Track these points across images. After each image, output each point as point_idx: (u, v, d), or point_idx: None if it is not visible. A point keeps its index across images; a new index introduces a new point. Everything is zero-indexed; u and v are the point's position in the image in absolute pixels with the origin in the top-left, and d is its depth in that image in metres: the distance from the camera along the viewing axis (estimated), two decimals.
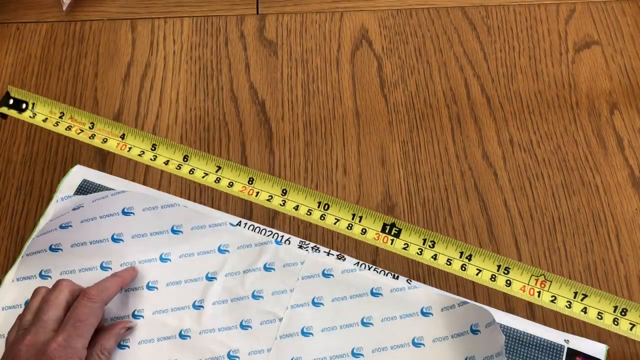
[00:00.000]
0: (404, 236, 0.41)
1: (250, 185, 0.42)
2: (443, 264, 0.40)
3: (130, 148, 0.44)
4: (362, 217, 0.41)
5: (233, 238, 0.46)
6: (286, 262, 0.45)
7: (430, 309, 0.43)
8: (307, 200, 0.42)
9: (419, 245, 0.41)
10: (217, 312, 0.43)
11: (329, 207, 0.42)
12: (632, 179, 0.50)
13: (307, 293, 0.44)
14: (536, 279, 0.40)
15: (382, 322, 0.43)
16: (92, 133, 0.44)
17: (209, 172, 0.43)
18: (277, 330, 0.43)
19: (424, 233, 0.41)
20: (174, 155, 0.43)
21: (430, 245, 0.41)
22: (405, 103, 0.54)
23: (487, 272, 0.40)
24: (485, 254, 0.40)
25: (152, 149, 0.44)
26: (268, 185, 0.42)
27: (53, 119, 0.44)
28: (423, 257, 0.40)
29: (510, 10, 0.59)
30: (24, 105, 0.45)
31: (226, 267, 0.45)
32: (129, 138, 0.44)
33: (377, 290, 0.44)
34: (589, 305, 0.39)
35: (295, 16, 0.59)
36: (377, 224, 0.41)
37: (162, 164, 0.43)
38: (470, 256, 0.40)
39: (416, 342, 0.42)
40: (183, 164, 0.43)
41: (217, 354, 0.42)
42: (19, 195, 0.49)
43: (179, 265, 0.45)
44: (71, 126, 0.44)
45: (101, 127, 0.44)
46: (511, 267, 0.40)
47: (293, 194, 0.42)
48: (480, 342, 0.41)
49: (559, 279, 0.39)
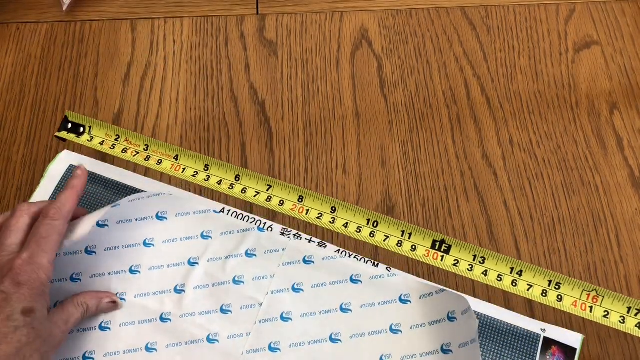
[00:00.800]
0: (454, 252, 0.42)
1: (300, 204, 0.44)
2: (494, 280, 0.41)
3: (185, 169, 0.46)
4: (411, 234, 0.43)
5: (216, 224, 0.47)
6: (268, 249, 0.46)
7: (408, 296, 0.44)
8: (356, 218, 0.43)
9: (469, 261, 0.42)
10: (198, 296, 0.44)
11: (377, 225, 0.43)
12: (632, 179, 0.51)
13: (288, 279, 0.45)
14: (588, 293, 0.40)
15: (360, 308, 0.44)
16: (147, 155, 0.46)
17: (260, 191, 0.45)
18: (256, 315, 0.43)
19: (473, 249, 0.42)
20: (226, 174, 0.45)
21: (480, 262, 0.42)
22: (405, 103, 0.54)
23: (538, 288, 0.41)
24: (535, 269, 0.41)
25: (205, 169, 0.45)
26: (317, 203, 0.44)
27: (109, 141, 0.46)
28: (473, 274, 0.41)
29: (510, 11, 0.59)
30: (82, 129, 0.47)
31: (208, 252, 0.46)
32: (182, 159, 0.46)
33: (357, 277, 0.45)
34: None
35: (295, 16, 0.59)
36: (427, 241, 0.43)
37: (216, 184, 0.45)
38: (521, 272, 0.41)
39: (394, 328, 0.43)
40: (235, 183, 0.45)
41: (197, 337, 0.42)
42: (19, 195, 0.49)
43: (161, 250, 0.46)
44: (127, 148, 0.46)
45: (155, 149, 0.46)
46: (562, 283, 0.41)
47: (342, 211, 0.44)
48: (457, 329, 0.42)
49: (611, 294, 0.40)
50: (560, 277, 0.41)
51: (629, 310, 0.39)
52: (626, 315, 0.39)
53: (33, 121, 0.53)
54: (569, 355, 0.42)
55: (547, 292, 0.41)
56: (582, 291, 0.40)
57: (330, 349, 0.42)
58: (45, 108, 0.54)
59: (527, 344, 0.42)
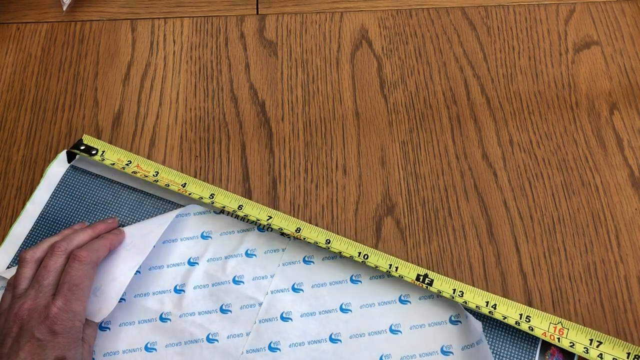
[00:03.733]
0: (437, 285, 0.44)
1: (297, 234, 0.46)
2: None
3: (190, 194, 0.47)
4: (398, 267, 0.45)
5: (216, 224, 0.47)
6: (268, 249, 0.46)
7: (408, 297, 0.44)
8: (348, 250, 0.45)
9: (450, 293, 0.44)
10: (197, 296, 0.44)
11: (368, 257, 0.45)
12: (632, 179, 0.50)
13: (288, 279, 0.45)
14: (554, 326, 0.43)
15: (360, 308, 0.44)
16: (155, 179, 0.48)
17: (260, 219, 0.46)
18: (256, 315, 0.43)
19: (453, 283, 0.44)
20: (230, 203, 0.47)
21: (459, 295, 0.44)
22: (405, 103, 0.54)
23: (512, 319, 0.43)
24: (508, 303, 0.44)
25: (210, 197, 0.47)
26: (314, 234, 0.46)
27: (120, 164, 0.49)
28: None
29: (510, 11, 0.59)
30: (94, 151, 0.50)
31: (208, 252, 0.46)
32: (190, 186, 0.48)
33: (357, 277, 0.45)
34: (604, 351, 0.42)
35: (295, 16, 0.59)
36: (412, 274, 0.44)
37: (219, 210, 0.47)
38: (495, 305, 0.43)
39: (393, 328, 0.43)
40: (237, 211, 0.47)
41: (196, 337, 0.43)
42: (19, 195, 0.49)
43: (162, 250, 0.46)
44: (136, 171, 0.48)
45: (164, 176, 0.48)
46: (532, 316, 0.43)
47: (336, 243, 0.45)
48: (459, 332, 0.42)
49: (574, 326, 0.42)
50: (530, 310, 0.43)
51: (590, 342, 0.42)
52: (589, 347, 0.42)
53: (33, 121, 0.53)
54: (568, 356, 0.42)
55: (520, 323, 0.43)
56: (549, 324, 0.43)
57: (330, 348, 0.43)
58: (45, 108, 0.54)
59: (526, 345, 0.43)
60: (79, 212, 0.48)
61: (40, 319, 0.36)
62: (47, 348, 0.36)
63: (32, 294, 0.38)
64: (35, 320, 0.36)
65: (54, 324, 0.36)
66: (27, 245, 0.46)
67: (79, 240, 0.42)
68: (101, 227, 0.44)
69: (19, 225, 0.47)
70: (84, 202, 0.48)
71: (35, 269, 0.40)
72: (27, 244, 0.46)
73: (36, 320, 0.36)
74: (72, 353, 0.37)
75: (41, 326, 0.36)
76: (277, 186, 0.50)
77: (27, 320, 0.36)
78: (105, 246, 0.42)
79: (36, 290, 0.38)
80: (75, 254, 0.40)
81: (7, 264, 0.45)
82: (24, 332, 0.36)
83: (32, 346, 0.36)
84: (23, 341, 0.36)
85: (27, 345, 0.36)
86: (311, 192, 0.50)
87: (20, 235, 0.47)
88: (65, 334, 0.37)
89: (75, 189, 0.48)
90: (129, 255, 0.43)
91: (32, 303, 0.37)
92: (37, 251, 0.41)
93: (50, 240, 0.42)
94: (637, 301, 0.46)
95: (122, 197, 0.48)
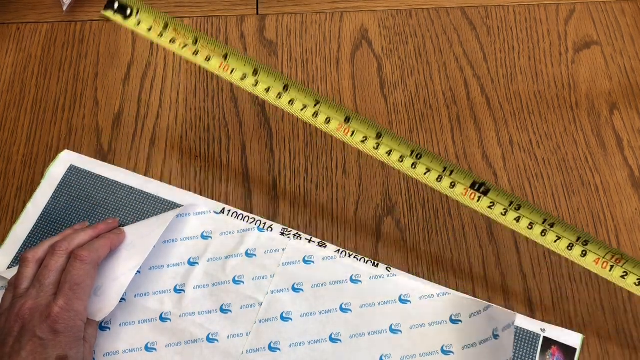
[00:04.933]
0: (492, 196, 0.41)
1: (346, 124, 0.42)
2: (524, 228, 0.41)
3: (233, 70, 0.42)
4: (453, 171, 0.41)
5: (216, 225, 0.47)
6: (268, 249, 0.46)
7: (408, 296, 0.44)
8: (400, 147, 0.41)
9: (505, 206, 0.41)
10: (197, 296, 0.44)
11: (421, 157, 0.41)
12: (632, 179, 0.51)
13: (288, 279, 0.45)
14: (612, 254, 0.40)
15: (360, 308, 0.44)
16: (195, 49, 0.43)
17: (307, 104, 0.42)
18: (256, 315, 0.43)
19: (510, 197, 0.41)
20: (275, 83, 0.42)
21: (516, 208, 0.41)
22: (405, 103, 0.54)
23: (566, 241, 0.41)
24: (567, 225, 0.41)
25: (254, 74, 0.42)
26: (364, 126, 0.42)
27: (157, 29, 0.43)
28: (506, 219, 0.41)
29: (510, 11, 0.59)
30: (129, 10, 0.43)
31: (208, 252, 0.46)
32: (232, 59, 0.43)
33: (357, 277, 0.45)
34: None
35: (295, 16, 0.59)
36: (468, 180, 0.41)
37: (264, 92, 0.42)
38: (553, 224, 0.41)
39: (394, 328, 0.43)
40: (284, 93, 0.42)
41: (196, 337, 0.43)
42: (19, 195, 0.50)
43: (162, 250, 0.46)
44: (175, 39, 0.43)
45: (204, 44, 0.43)
46: (590, 240, 0.41)
47: (387, 138, 0.42)
48: (460, 332, 0.42)
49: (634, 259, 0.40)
50: (588, 235, 0.41)
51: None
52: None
53: (33, 121, 0.53)
54: (568, 356, 0.42)
55: (574, 246, 0.41)
56: (607, 252, 0.40)
57: (330, 348, 0.43)
58: (45, 108, 0.54)
59: (526, 344, 0.43)
60: (79, 213, 0.48)
61: (41, 319, 0.36)
62: (48, 347, 0.36)
63: (33, 293, 0.38)
64: (37, 319, 0.36)
65: (56, 323, 0.36)
66: (27, 245, 0.46)
67: (79, 240, 0.42)
68: (102, 227, 0.44)
69: (20, 225, 0.47)
70: (85, 202, 0.48)
71: (36, 268, 0.40)
72: (28, 245, 0.46)
73: (38, 319, 0.36)
74: (74, 352, 0.37)
75: (43, 325, 0.36)
76: (277, 186, 0.50)
77: (29, 320, 0.37)
78: (106, 246, 0.42)
79: (37, 289, 0.38)
80: (76, 253, 0.40)
81: (8, 264, 0.45)
82: (25, 331, 0.36)
83: (34, 345, 0.36)
84: (25, 340, 0.36)
85: (29, 344, 0.36)
86: (311, 192, 0.50)
87: (20, 236, 0.47)
88: (66, 333, 0.37)
89: (76, 189, 0.48)
90: (129, 255, 0.43)
91: (33, 302, 0.37)
92: (38, 251, 0.41)
93: (52, 240, 0.42)
94: (637, 301, 0.46)
95: (122, 197, 0.48)
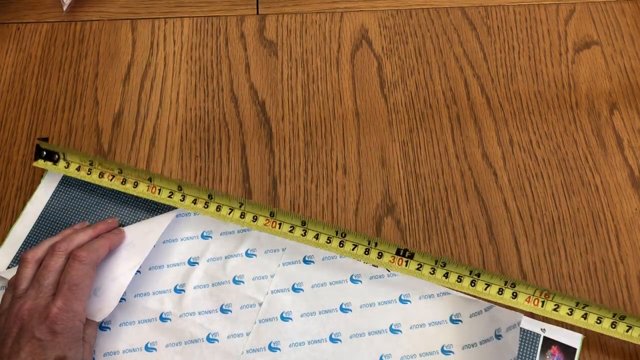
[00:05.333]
0: (417, 258, 0.44)
1: (272, 218, 0.45)
2: (453, 282, 0.44)
3: (160, 190, 0.46)
4: (377, 243, 0.44)
5: (216, 225, 0.47)
6: (268, 249, 0.46)
7: (408, 296, 0.44)
8: (325, 230, 0.45)
9: (432, 265, 0.44)
10: (198, 296, 0.44)
11: (345, 235, 0.45)
12: (632, 179, 0.51)
13: (288, 279, 0.45)
14: (540, 291, 0.43)
15: (360, 308, 0.44)
16: (122, 178, 0.47)
17: (234, 207, 0.46)
18: (256, 315, 0.44)
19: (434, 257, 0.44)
20: (199, 194, 0.46)
21: (441, 265, 0.44)
22: (405, 103, 0.54)
23: (495, 287, 0.43)
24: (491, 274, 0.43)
25: (179, 189, 0.46)
26: (288, 217, 0.45)
27: (85, 167, 0.47)
28: (435, 277, 0.44)
29: (510, 11, 0.59)
30: (56, 156, 0.48)
31: (208, 252, 0.46)
32: (156, 181, 0.47)
33: (357, 277, 0.45)
34: None
35: (295, 16, 0.59)
36: (392, 248, 0.44)
37: (191, 203, 0.46)
38: (479, 274, 0.43)
39: (394, 328, 0.43)
40: (209, 201, 0.46)
41: (196, 337, 0.43)
42: (19, 195, 0.50)
43: (162, 250, 0.46)
44: (103, 173, 0.47)
45: (129, 172, 0.47)
46: (517, 283, 0.43)
47: (312, 224, 0.45)
48: (460, 332, 0.42)
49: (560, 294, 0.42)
50: (513, 279, 0.43)
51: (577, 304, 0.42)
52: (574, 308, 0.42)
53: (33, 121, 0.53)
54: (568, 355, 0.42)
55: (504, 290, 0.43)
56: (535, 290, 0.43)
57: (330, 348, 0.43)
58: (45, 108, 0.54)
59: (526, 344, 0.43)
60: (79, 212, 0.48)
61: (40, 319, 0.36)
62: (47, 348, 0.36)
63: (32, 294, 0.38)
64: (35, 320, 0.36)
65: (54, 323, 0.36)
66: (27, 245, 0.46)
67: (79, 240, 0.42)
68: (101, 227, 0.44)
69: (19, 225, 0.47)
70: (84, 202, 0.48)
71: (36, 269, 0.40)
72: (27, 245, 0.46)
73: (36, 320, 0.36)
74: (73, 353, 0.37)
75: (41, 326, 0.36)
76: (277, 186, 0.50)
77: (28, 321, 0.36)
78: (105, 246, 0.42)
79: (36, 290, 0.38)
80: (75, 253, 0.40)
81: (8, 265, 0.45)
82: (24, 332, 0.36)
83: (33, 346, 0.36)
84: (23, 341, 0.36)
85: (28, 345, 0.36)
86: (311, 192, 0.50)
87: (20, 236, 0.47)
88: (65, 334, 0.37)
89: (75, 189, 0.48)
90: (129, 255, 0.43)
91: (32, 303, 0.37)
92: (38, 251, 0.41)
93: (51, 241, 0.42)
94: (637, 301, 0.46)
95: (122, 197, 0.48)
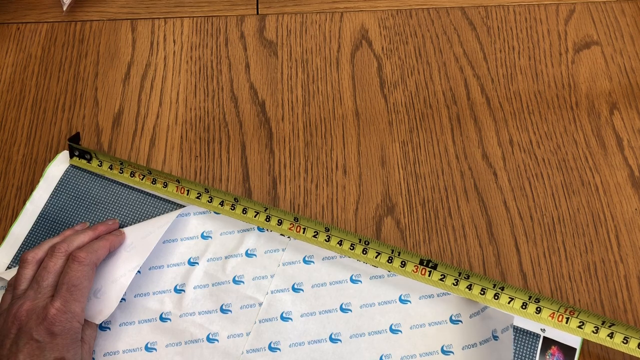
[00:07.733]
0: (441, 269, 0.44)
1: (296, 223, 0.46)
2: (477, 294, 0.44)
3: (189, 191, 0.48)
4: (400, 252, 0.45)
5: (216, 225, 0.47)
6: (268, 249, 0.46)
7: (408, 296, 0.44)
8: (349, 237, 0.46)
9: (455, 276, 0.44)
10: (198, 296, 0.44)
11: (369, 243, 0.46)
12: (632, 179, 0.51)
13: (288, 279, 0.45)
14: (565, 308, 0.42)
15: (360, 308, 0.44)
16: (152, 178, 0.48)
17: (259, 211, 0.47)
18: (256, 315, 0.44)
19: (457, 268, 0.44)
20: (226, 197, 0.47)
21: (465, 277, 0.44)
22: (405, 103, 0.54)
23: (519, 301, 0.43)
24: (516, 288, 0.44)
25: (206, 191, 0.48)
26: (312, 223, 0.46)
27: (117, 166, 0.49)
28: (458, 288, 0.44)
29: (510, 11, 0.59)
30: (88, 155, 0.50)
31: (208, 252, 0.46)
32: (184, 183, 0.48)
33: (357, 277, 0.45)
34: None
35: (295, 16, 0.59)
36: (416, 258, 0.45)
37: (219, 205, 0.47)
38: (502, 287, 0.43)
39: (394, 328, 0.43)
40: (236, 204, 0.47)
41: (196, 337, 0.43)
42: (19, 195, 0.49)
43: (162, 250, 0.46)
44: (134, 172, 0.49)
45: (158, 173, 0.48)
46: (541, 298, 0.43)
47: (335, 231, 0.46)
48: (460, 332, 0.42)
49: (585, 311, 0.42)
50: (537, 294, 0.43)
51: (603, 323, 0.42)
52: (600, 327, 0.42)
53: (33, 121, 0.53)
54: (568, 356, 0.42)
55: (527, 304, 0.43)
56: (560, 306, 0.42)
57: (330, 348, 0.43)
58: (45, 108, 0.54)
59: (526, 344, 0.43)
60: (78, 212, 0.48)
61: (38, 320, 0.36)
62: (46, 349, 0.36)
63: (31, 295, 0.38)
64: (33, 321, 0.36)
65: (53, 325, 0.36)
66: (26, 245, 0.46)
67: (79, 241, 0.42)
68: (102, 229, 0.44)
69: (19, 225, 0.47)
70: (84, 201, 0.48)
71: (35, 269, 0.40)
72: (27, 245, 0.46)
73: (34, 321, 0.36)
74: (72, 354, 0.37)
75: (39, 327, 0.36)
76: (277, 186, 0.50)
77: (26, 322, 0.36)
78: (104, 247, 0.42)
79: (35, 291, 0.38)
80: (74, 254, 0.40)
81: (7, 265, 0.45)
82: (22, 333, 0.36)
83: (31, 348, 0.36)
84: (22, 343, 0.36)
85: (26, 347, 0.36)
86: (311, 192, 0.50)
87: (19, 236, 0.47)
88: (63, 335, 0.37)
89: (75, 188, 0.48)
90: (129, 256, 0.43)
91: (30, 304, 0.37)
92: (38, 252, 0.41)
93: (51, 241, 0.42)
94: (637, 301, 0.46)
95: (122, 197, 0.48)
